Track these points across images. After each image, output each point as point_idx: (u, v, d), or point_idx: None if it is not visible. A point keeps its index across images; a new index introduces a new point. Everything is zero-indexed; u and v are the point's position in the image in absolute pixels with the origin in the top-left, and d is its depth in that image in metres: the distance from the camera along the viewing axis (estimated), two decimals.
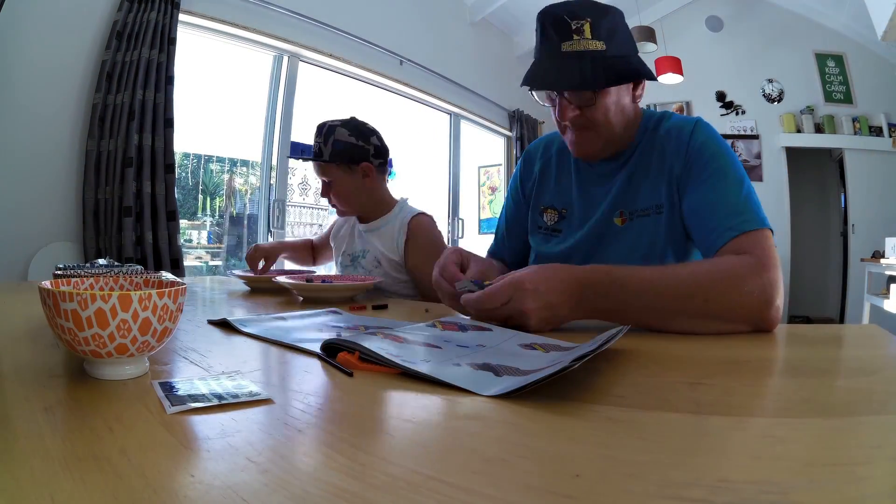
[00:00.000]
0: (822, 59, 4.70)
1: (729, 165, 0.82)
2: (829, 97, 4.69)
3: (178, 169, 2.51)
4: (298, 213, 3.44)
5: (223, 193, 3.29)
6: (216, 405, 0.36)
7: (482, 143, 4.87)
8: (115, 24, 2.18)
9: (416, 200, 1.48)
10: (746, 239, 0.74)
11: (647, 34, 3.83)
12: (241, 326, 0.66)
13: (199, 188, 3.19)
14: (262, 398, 0.38)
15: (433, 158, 4.41)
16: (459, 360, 0.49)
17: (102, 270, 0.82)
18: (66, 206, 2.14)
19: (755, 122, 4.84)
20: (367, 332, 0.60)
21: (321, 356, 0.51)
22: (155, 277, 0.63)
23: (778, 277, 0.69)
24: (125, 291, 0.41)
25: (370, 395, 0.41)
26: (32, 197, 2.06)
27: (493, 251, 1.16)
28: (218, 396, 0.37)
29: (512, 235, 1.11)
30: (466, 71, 4.18)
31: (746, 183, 0.81)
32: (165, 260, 2.26)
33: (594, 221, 0.94)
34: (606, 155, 0.93)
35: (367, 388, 0.43)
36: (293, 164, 3.23)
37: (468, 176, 4.86)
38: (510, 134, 4.84)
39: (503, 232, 1.13)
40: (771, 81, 4.83)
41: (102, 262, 0.88)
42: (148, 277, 0.61)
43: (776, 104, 4.82)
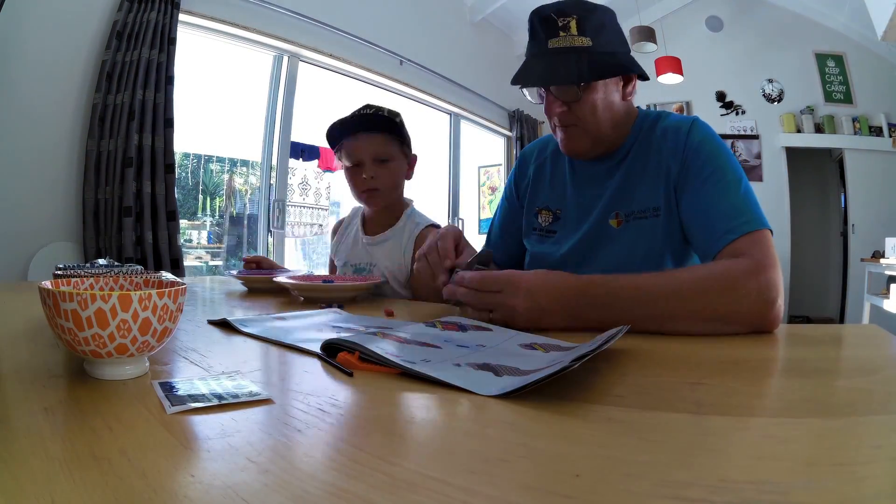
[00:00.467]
0: (822, 59, 4.70)
1: (726, 166, 0.81)
2: (829, 97, 4.69)
3: (178, 169, 2.51)
4: (298, 213, 3.44)
5: (223, 193, 3.29)
6: (216, 405, 0.36)
7: (482, 143, 4.87)
8: (115, 24, 2.18)
9: (416, 200, 1.47)
10: (745, 241, 0.73)
11: (647, 34, 3.83)
12: (241, 326, 0.66)
13: (199, 188, 3.19)
14: (262, 398, 0.38)
15: (433, 158, 4.41)
16: (459, 359, 0.49)
17: (102, 270, 0.82)
18: (66, 206, 2.14)
19: (755, 122, 4.84)
20: (367, 332, 0.60)
21: (321, 356, 0.51)
22: (155, 277, 0.63)
23: (777, 278, 0.68)
24: (125, 291, 0.41)
25: (370, 395, 0.41)
26: (32, 197, 2.06)
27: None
28: (218, 396, 0.37)
29: (505, 237, 1.11)
30: (466, 71, 4.18)
31: (744, 183, 0.80)
32: (165, 260, 2.26)
33: (589, 223, 0.93)
34: (597, 153, 0.92)
35: (367, 388, 0.43)
36: (293, 164, 3.23)
37: (468, 176, 4.86)
38: (510, 134, 4.84)
39: (496, 233, 1.13)
40: (771, 81, 4.83)
41: (102, 262, 0.88)
42: (148, 277, 0.61)
43: (776, 104, 4.82)
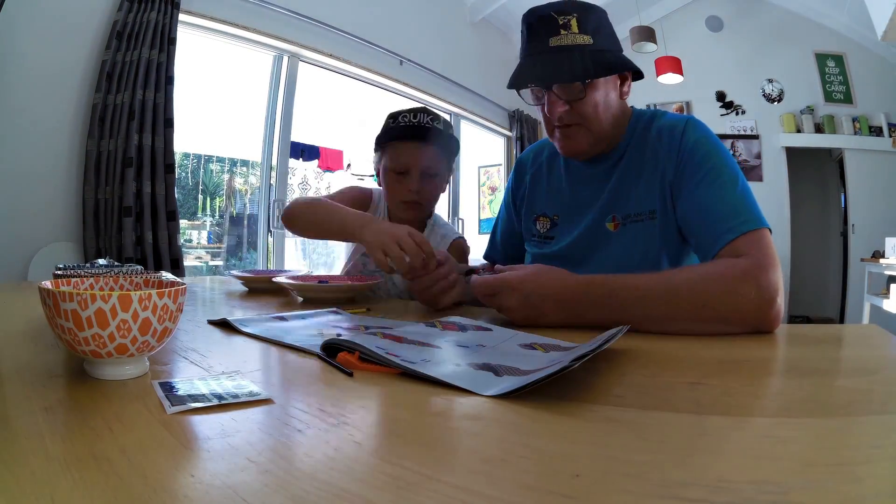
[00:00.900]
0: (822, 59, 4.70)
1: (722, 165, 0.81)
2: (829, 97, 4.69)
3: (178, 169, 2.51)
4: None
5: (223, 193, 3.29)
6: (216, 405, 0.36)
7: (482, 143, 4.87)
8: (115, 24, 2.18)
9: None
10: (744, 240, 0.73)
11: (647, 34, 3.83)
12: (241, 326, 0.66)
13: (199, 188, 3.19)
14: (262, 398, 0.38)
15: None
16: (459, 360, 0.49)
17: (102, 270, 0.82)
18: (66, 206, 2.14)
19: (755, 122, 4.84)
20: (367, 332, 0.60)
21: (321, 356, 0.51)
22: (155, 277, 0.63)
23: (777, 277, 0.68)
24: (125, 291, 0.41)
25: (370, 395, 0.41)
26: (32, 197, 2.06)
27: (487, 254, 1.18)
28: (218, 396, 0.37)
29: (505, 242, 1.13)
30: (466, 71, 4.17)
31: (741, 182, 0.79)
32: (165, 260, 2.25)
33: (586, 225, 0.93)
34: (595, 153, 0.92)
35: (367, 388, 0.43)
36: (293, 164, 3.23)
37: (468, 176, 4.86)
38: (510, 134, 4.84)
39: (498, 238, 1.15)
40: (771, 81, 4.83)
41: (102, 262, 0.88)
42: (148, 277, 0.61)
43: (776, 104, 4.81)
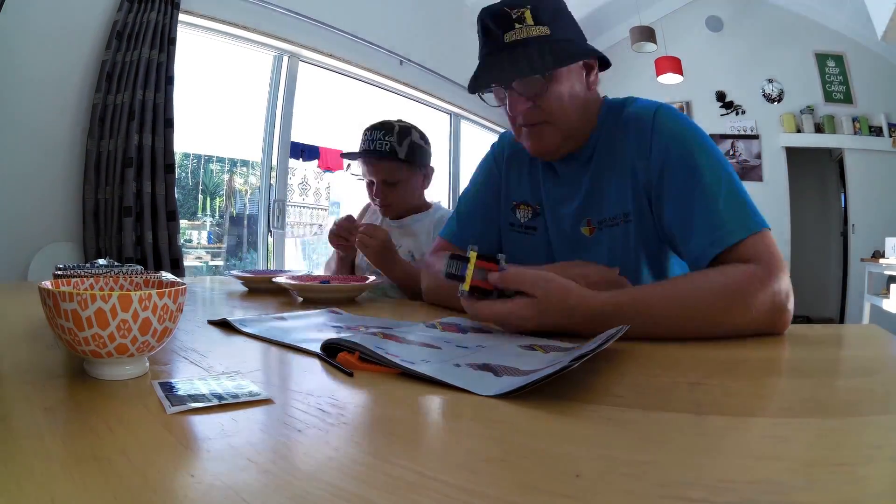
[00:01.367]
0: (822, 59, 4.69)
1: (705, 161, 0.74)
2: (829, 97, 4.68)
3: (178, 169, 2.51)
4: (298, 213, 3.44)
5: (223, 193, 3.29)
6: (216, 405, 0.36)
7: (482, 143, 4.87)
8: (115, 24, 2.18)
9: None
10: (749, 244, 0.69)
11: (647, 34, 3.83)
12: (241, 326, 0.66)
13: (199, 188, 3.19)
14: (262, 398, 0.38)
15: (433, 158, 4.40)
16: (459, 360, 0.49)
17: (102, 270, 0.82)
18: (66, 206, 2.14)
19: (755, 122, 4.84)
20: (366, 332, 0.60)
21: (321, 356, 0.51)
22: (155, 277, 0.63)
23: (788, 282, 0.67)
24: (125, 291, 0.41)
25: (370, 395, 0.41)
26: (32, 197, 2.06)
27: (445, 235, 1.02)
28: (218, 396, 0.37)
29: (476, 219, 1.00)
30: (466, 71, 4.12)
31: (726, 174, 0.73)
32: (165, 260, 2.26)
33: (563, 231, 0.89)
34: (566, 151, 0.87)
35: (367, 388, 0.43)
36: (293, 164, 3.23)
37: (468, 176, 4.84)
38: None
39: (465, 214, 1.02)
40: (771, 81, 4.83)
41: (102, 262, 0.88)
42: (148, 277, 0.61)
43: (776, 104, 4.81)
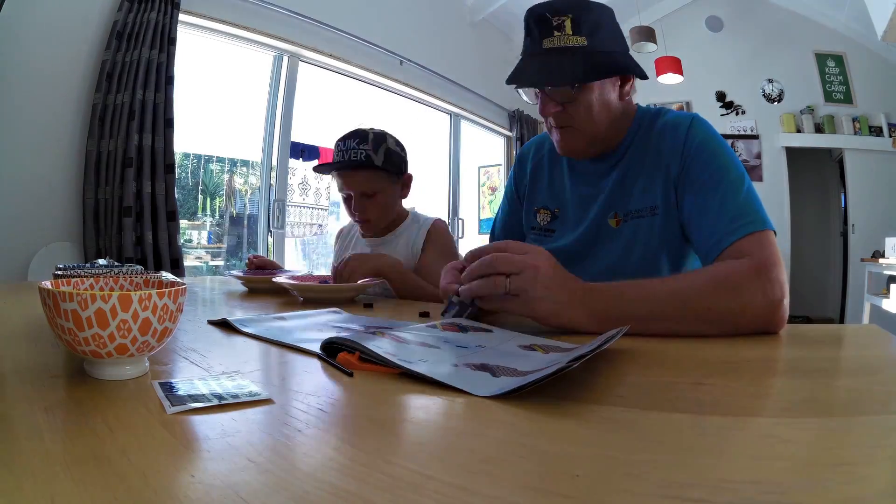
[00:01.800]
0: (822, 59, 4.70)
1: (728, 166, 0.81)
2: (829, 97, 4.69)
3: (178, 169, 2.51)
4: (298, 213, 3.43)
5: (223, 193, 3.29)
6: (216, 405, 0.36)
7: (482, 143, 4.87)
8: (115, 24, 2.18)
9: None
10: (748, 241, 0.73)
11: (647, 34, 3.83)
12: (241, 326, 0.66)
13: (199, 188, 3.18)
14: (262, 398, 0.38)
15: (433, 158, 4.41)
16: (458, 360, 0.49)
17: (102, 270, 0.82)
18: (66, 206, 2.14)
19: (755, 122, 4.84)
20: (366, 331, 0.60)
21: (321, 356, 0.51)
22: (155, 277, 0.63)
23: (783, 277, 0.68)
24: (125, 291, 0.41)
25: (370, 395, 0.41)
26: (32, 197, 2.06)
27: None
28: (218, 396, 0.37)
29: (507, 235, 1.11)
30: (466, 71, 4.17)
31: (746, 182, 0.79)
32: (165, 260, 2.26)
33: (588, 222, 0.93)
34: (594, 153, 0.92)
35: (367, 388, 0.43)
36: (293, 164, 3.23)
37: (468, 176, 4.86)
38: (510, 134, 4.84)
39: (499, 234, 1.12)
40: (771, 81, 4.83)
41: (102, 262, 0.88)
42: (148, 277, 0.61)
43: (776, 104, 4.82)
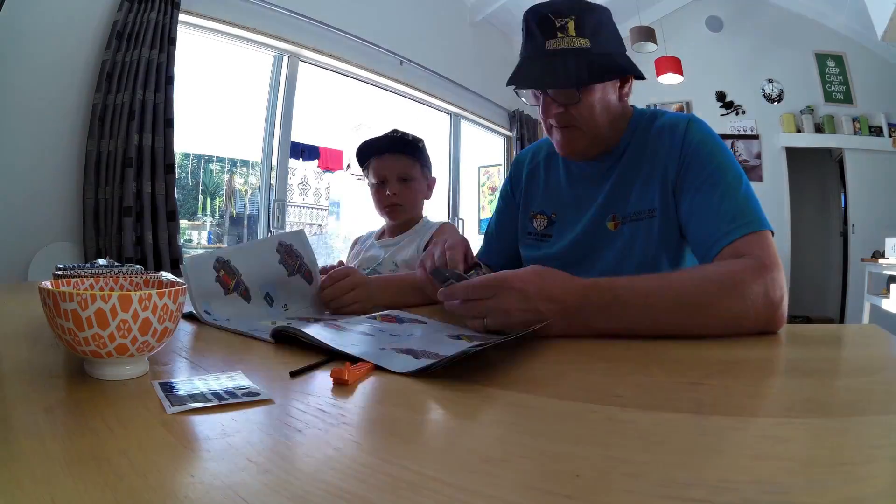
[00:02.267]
0: (822, 59, 4.69)
1: (726, 166, 0.80)
2: (829, 97, 4.68)
3: (178, 169, 2.51)
4: (298, 213, 3.44)
5: (223, 193, 3.29)
6: (216, 405, 0.36)
7: (482, 143, 4.87)
8: (115, 24, 2.18)
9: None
10: (746, 241, 0.72)
11: (647, 34, 3.83)
12: (207, 318, 0.69)
13: (199, 188, 3.19)
14: (262, 398, 0.38)
15: (433, 158, 4.40)
16: (386, 345, 0.53)
17: (102, 270, 0.82)
18: (66, 206, 2.14)
19: (755, 122, 4.83)
20: (313, 320, 0.68)
21: (267, 340, 0.57)
22: (155, 277, 0.63)
23: (781, 277, 0.68)
24: (125, 292, 0.41)
25: (370, 395, 0.41)
26: (32, 197, 2.06)
27: (482, 258, 1.12)
28: (218, 396, 0.37)
29: (501, 238, 1.10)
30: (466, 71, 4.17)
31: (744, 183, 0.79)
32: (165, 260, 2.25)
33: (585, 225, 0.93)
34: (593, 154, 0.92)
35: (366, 388, 0.43)
36: (293, 164, 3.23)
37: (468, 176, 4.86)
38: (510, 134, 4.84)
39: (494, 236, 1.12)
40: (771, 81, 4.83)
41: (102, 262, 0.88)
42: (148, 277, 0.61)
43: (776, 104, 4.81)
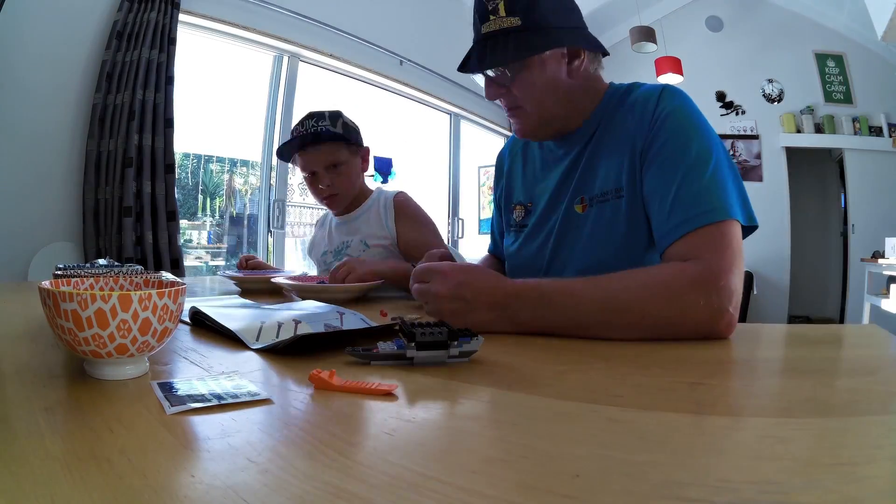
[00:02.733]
0: (822, 59, 4.69)
1: (692, 140, 0.71)
2: (829, 97, 4.68)
3: (178, 169, 2.50)
4: (298, 212, 3.43)
5: (223, 193, 3.29)
6: (216, 405, 0.36)
7: (482, 143, 4.87)
8: (115, 24, 2.18)
9: (416, 200, 1.48)
10: (699, 236, 0.66)
11: (647, 34, 3.83)
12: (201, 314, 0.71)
13: (199, 188, 3.18)
14: (261, 398, 0.38)
15: (433, 158, 4.41)
16: (265, 320, 0.62)
17: (102, 270, 0.82)
18: (66, 206, 2.14)
19: (755, 122, 4.83)
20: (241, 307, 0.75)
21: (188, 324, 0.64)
22: (155, 277, 0.63)
23: (731, 282, 0.62)
24: (125, 291, 0.41)
25: (370, 395, 0.41)
26: (32, 197, 2.06)
27: (491, 250, 1.19)
28: (217, 397, 0.37)
29: (501, 234, 1.12)
30: None
31: (713, 161, 0.70)
32: (165, 260, 2.25)
33: (558, 210, 0.88)
34: (552, 133, 0.87)
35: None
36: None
37: (468, 176, 4.86)
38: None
39: (496, 231, 1.15)
40: (771, 81, 4.83)
41: (102, 262, 0.88)
42: (148, 277, 0.61)
43: (776, 104, 4.81)
